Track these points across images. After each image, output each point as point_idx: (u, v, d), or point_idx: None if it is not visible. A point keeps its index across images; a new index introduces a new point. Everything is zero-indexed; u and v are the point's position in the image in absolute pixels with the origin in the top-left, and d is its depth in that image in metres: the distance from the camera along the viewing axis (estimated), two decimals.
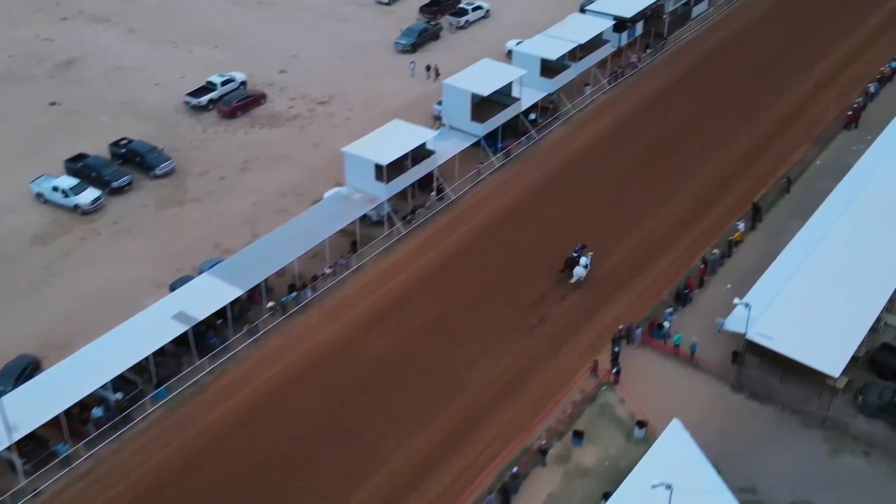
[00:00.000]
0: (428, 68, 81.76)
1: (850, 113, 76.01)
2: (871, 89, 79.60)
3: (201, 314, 53.30)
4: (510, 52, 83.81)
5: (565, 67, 76.82)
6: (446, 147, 68.23)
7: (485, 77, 70.68)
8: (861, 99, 78.05)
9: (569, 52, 76.22)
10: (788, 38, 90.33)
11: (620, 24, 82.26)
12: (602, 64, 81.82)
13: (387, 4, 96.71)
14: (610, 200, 67.85)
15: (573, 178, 70.27)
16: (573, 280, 59.54)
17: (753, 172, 70.58)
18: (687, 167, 70.93)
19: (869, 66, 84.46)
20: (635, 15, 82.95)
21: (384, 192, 62.78)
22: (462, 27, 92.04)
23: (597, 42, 79.74)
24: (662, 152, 73.13)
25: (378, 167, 62.07)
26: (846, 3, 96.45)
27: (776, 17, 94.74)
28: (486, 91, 68.80)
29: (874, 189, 62.86)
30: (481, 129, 69.42)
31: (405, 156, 63.63)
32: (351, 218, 61.71)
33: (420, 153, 65.19)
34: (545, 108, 76.86)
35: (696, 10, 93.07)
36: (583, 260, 59.59)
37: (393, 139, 64.17)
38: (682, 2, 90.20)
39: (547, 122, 75.89)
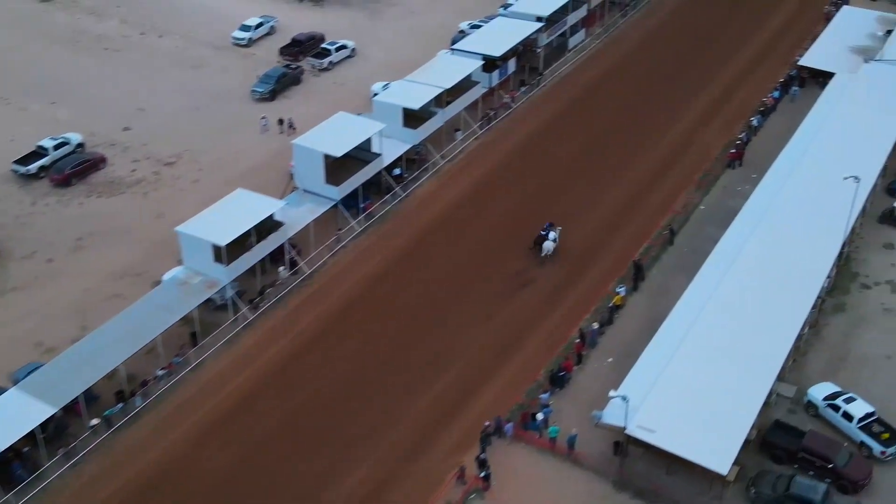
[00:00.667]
0: (281, 122, 74.87)
1: (732, 151, 71.70)
2: (755, 122, 75.58)
3: (2, 442, 45.63)
4: (376, 94, 77.80)
5: (431, 115, 70.92)
6: (299, 215, 61.64)
7: (339, 134, 64.35)
8: (744, 134, 73.99)
9: (434, 98, 70.29)
10: (668, 68, 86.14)
11: (490, 64, 76.70)
12: (473, 106, 76.05)
13: (245, 46, 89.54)
14: (480, 267, 62.10)
15: (439, 242, 64.32)
16: (543, 253, 61.30)
17: (634, 222, 65.58)
18: (566, 219, 65.60)
19: (751, 97, 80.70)
20: (506, 52, 77.50)
21: (225, 274, 55.87)
22: (325, 69, 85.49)
23: (465, 84, 74.02)
24: (541, 201, 67.81)
25: (216, 248, 55.10)
26: (723, 31, 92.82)
27: (655, 46, 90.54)
28: (339, 151, 62.43)
29: (761, 238, 58.52)
30: (338, 193, 62.95)
31: (248, 232, 56.74)
32: (188, 307, 54.67)
33: (266, 226, 58.41)
34: (411, 160, 70.77)
35: (573, 41, 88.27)
36: (552, 234, 61.82)
37: (234, 213, 57.36)
38: (558, 33, 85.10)
39: (414, 176, 69.76)
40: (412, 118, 69.30)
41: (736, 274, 56.09)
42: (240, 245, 56.56)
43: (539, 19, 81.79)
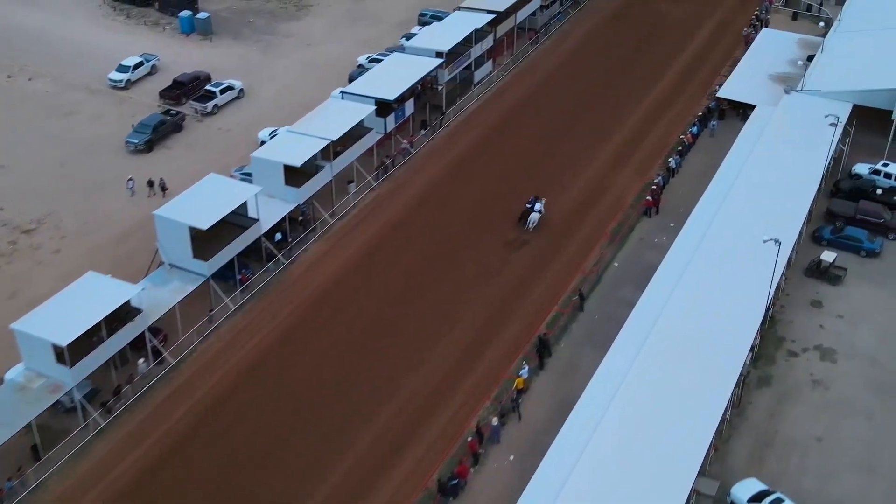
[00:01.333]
0: (150, 184, 67.42)
1: (648, 198, 66.05)
2: (672, 163, 70.08)
3: None
4: (263, 143, 71.09)
5: (318, 169, 64.23)
6: (163, 296, 54.47)
7: (208, 201, 57.34)
8: (660, 177, 68.42)
9: (321, 150, 63.62)
10: (580, 101, 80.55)
11: (385, 107, 70.15)
12: (369, 154, 69.44)
13: (122, 89, 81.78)
14: (372, 341, 55.64)
15: (326, 315, 57.70)
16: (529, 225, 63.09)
17: (541, 286, 59.55)
18: (470, 285, 59.41)
19: (668, 133, 75.40)
20: (402, 94, 71.03)
21: (70, 377, 48.50)
22: (210, 113, 78.14)
23: (357, 131, 67.38)
24: (442, 259, 61.56)
25: (57, 348, 47.75)
26: (640, 57, 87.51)
27: (567, 76, 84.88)
28: (206, 222, 55.35)
29: (678, 302, 53.03)
30: (207, 268, 55.87)
31: (97, 325, 49.46)
32: (27, 417, 47.30)
33: (121, 315, 51.18)
34: (295, 219, 63.95)
35: (479, 75, 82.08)
36: (537, 206, 63.58)
37: (80, 303, 50.12)
38: (461, 67, 78.85)
39: (299, 240, 62.93)
40: (295, 175, 62.48)
41: (652, 348, 50.53)
42: (87, 341, 49.27)
43: (439, 55, 75.42)
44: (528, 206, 64.57)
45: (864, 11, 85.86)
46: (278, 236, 61.60)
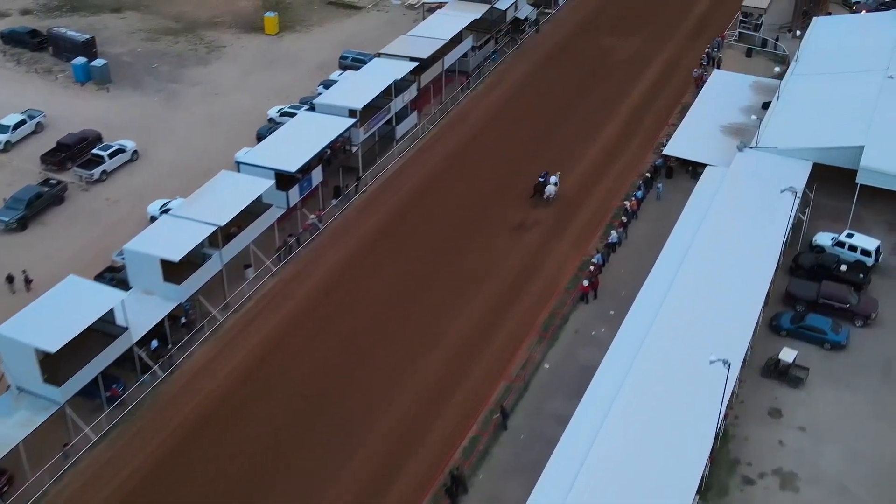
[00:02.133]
0: (10, 279, 58.48)
1: (584, 282, 58.07)
2: (613, 237, 62.16)
3: None
4: (153, 218, 62.69)
5: (204, 258, 55.65)
6: (7, 430, 45.71)
7: (61, 312, 48.62)
8: (599, 255, 60.46)
9: (208, 238, 55.13)
10: (514, 157, 72.75)
11: (286, 179, 61.72)
12: (270, 233, 60.96)
13: (1, 151, 72.61)
14: (261, 474, 47.15)
15: (212, 442, 49.28)
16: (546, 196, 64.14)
17: (460, 398, 51.42)
18: (379, 399, 51.20)
19: (609, 198, 67.61)
20: (309, 161, 62.66)
21: None
22: (98, 180, 69.26)
23: (255, 207, 58.91)
24: (354, 353, 53.40)
25: None
26: (580, 104, 79.89)
27: (500, 127, 77.13)
28: (54, 343, 46.61)
29: (617, 419, 45.36)
30: (60, 394, 47.15)
31: None
32: None
33: None
34: (176, 317, 55.41)
35: (402, 128, 73.81)
36: (553, 178, 65.04)
37: None
38: (381, 122, 70.52)
39: (182, 344, 54.33)
40: (176, 268, 53.83)
41: (586, 479, 42.74)
42: None
43: (353, 113, 67.09)
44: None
45: (822, 50, 78.64)
46: (154, 344, 52.87)
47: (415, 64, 74.04)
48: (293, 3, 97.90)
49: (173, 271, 53.86)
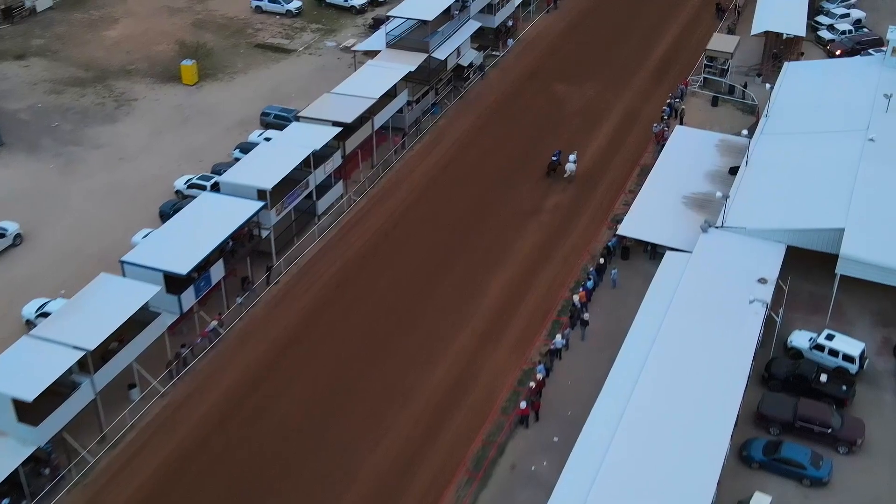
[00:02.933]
0: None
1: (523, 404, 49.60)
2: (558, 342, 53.75)
3: None
4: (29, 322, 53.91)
5: (73, 387, 46.84)
6: None
7: None
8: (540, 367, 52.09)
9: (77, 364, 46.35)
10: (452, 235, 64.52)
11: (178, 281, 52.91)
12: (160, 345, 52.17)
13: None
14: None
15: None
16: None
17: None
18: None
19: (556, 289, 59.26)
20: (205, 258, 53.87)
21: None
22: None
23: (140, 318, 50.13)
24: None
25: None
26: (527, 167, 71.29)
27: (437, 195, 69.09)
28: None
29: None
30: None
31: None
32: None
33: None
34: (40, 460, 46.57)
35: (325, 202, 65.25)
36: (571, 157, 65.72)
37: None
38: (298, 199, 61.92)
39: (44, 495, 45.45)
40: (34, 406, 44.96)
41: None
42: None
43: (262, 195, 58.45)
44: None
45: (795, 102, 70.95)
46: (6, 502, 43.99)
47: (338, 129, 65.28)
48: (217, 46, 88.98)
49: (30, 409, 44.96)
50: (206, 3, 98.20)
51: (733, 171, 65.37)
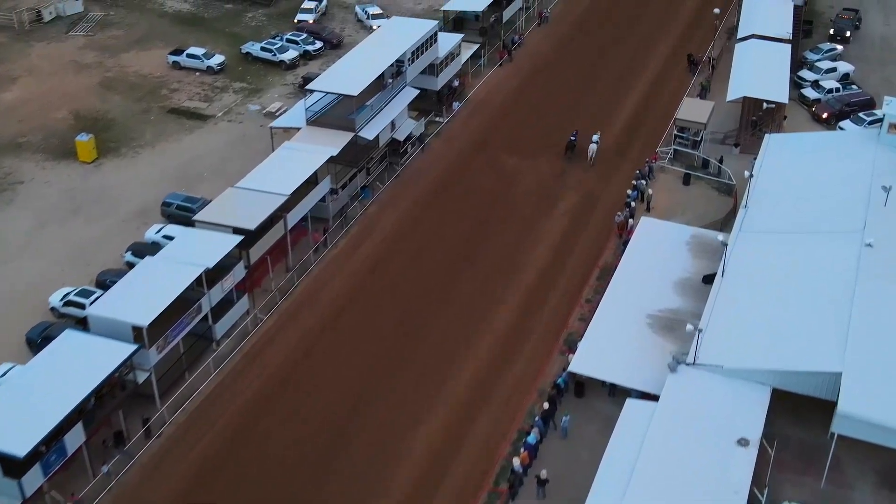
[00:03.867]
0: None
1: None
2: (531, 439, 43.58)
3: None
4: None
5: None
6: None
7: None
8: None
9: None
10: (374, 369, 53.91)
11: (19, 465, 42.21)
12: None
13: None
14: None
15: None
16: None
17: None
18: None
19: (489, 449, 48.72)
20: (60, 423, 43.16)
21: None
22: None
23: None
24: None
25: None
26: (466, 274, 61.15)
27: (360, 311, 58.63)
28: None
29: None
30: None
31: None
32: None
33: None
34: None
35: (225, 325, 54.82)
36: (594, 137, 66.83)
37: None
38: (187, 327, 51.34)
39: None
40: None
41: None
42: None
43: (138, 334, 47.90)
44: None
45: (779, 190, 61.26)
46: None
47: (240, 238, 54.89)
48: (124, 112, 78.37)
49: None
50: (119, 57, 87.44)
51: (707, 280, 55.46)
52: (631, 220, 63.00)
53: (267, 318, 57.00)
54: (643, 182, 67.02)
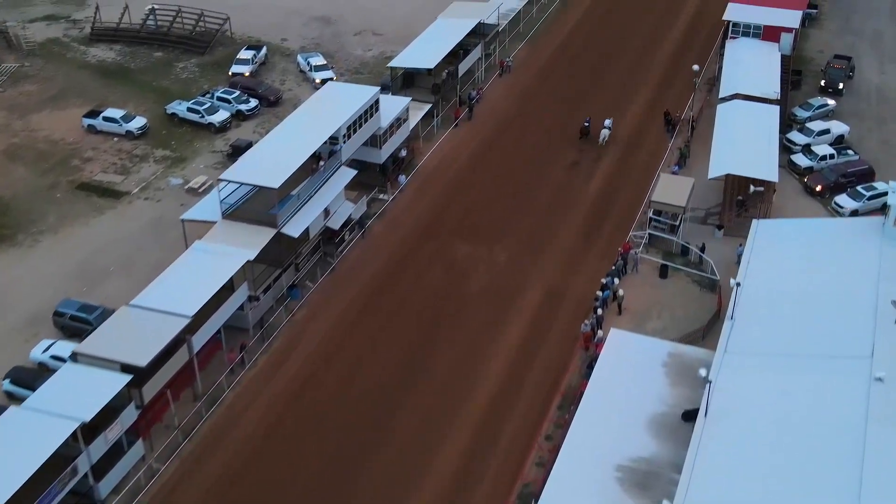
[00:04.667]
0: None
1: None
2: None
3: None
4: None
5: None
6: None
7: None
8: None
9: None
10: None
11: None
12: None
13: None
14: None
15: None
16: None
17: None
18: None
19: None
20: None
21: None
22: None
23: None
24: None
25: None
26: (409, 411, 51.92)
27: (285, 444, 48.97)
28: None
29: None
30: None
31: None
32: None
33: None
34: None
35: (111, 481, 45.28)
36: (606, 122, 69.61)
37: None
38: (53, 496, 41.92)
39: None
40: None
41: None
42: None
43: None
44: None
45: (768, 296, 52.57)
46: None
47: (129, 377, 45.65)
48: (28, 188, 69.10)
49: None
50: (29, 118, 78.06)
51: (688, 416, 46.62)
52: (600, 332, 54.02)
53: (164, 467, 47.64)
54: (614, 278, 58.09)
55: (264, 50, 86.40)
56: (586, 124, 71.84)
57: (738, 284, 50.96)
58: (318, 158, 60.32)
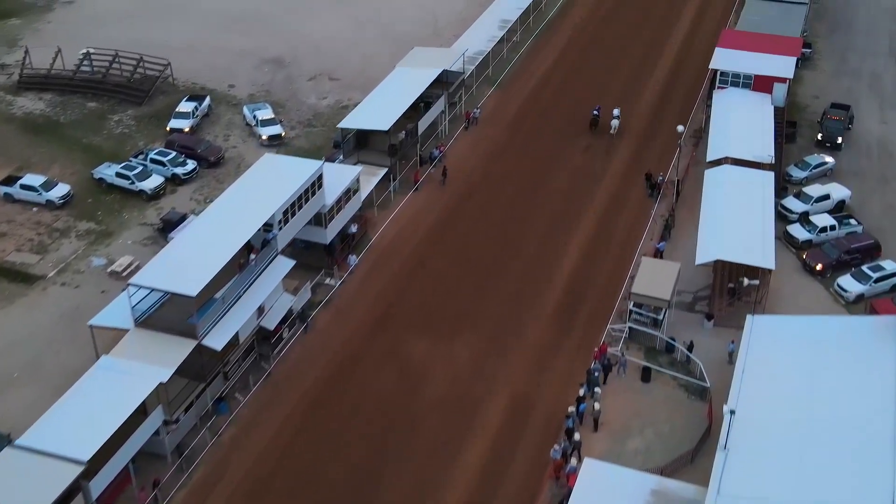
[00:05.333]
0: None
1: None
2: None
3: None
4: None
5: None
6: None
7: None
8: None
9: None
10: None
11: None
12: None
13: None
14: None
15: None
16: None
17: None
18: None
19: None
20: None
21: None
22: None
23: None
24: None
25: None
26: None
27: None
28: None
29: None
30: None
31: None
32: None
33: None
34: None
35: None
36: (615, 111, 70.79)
37: None
38: None
39: None
40: None
41: None
42: None
43: None
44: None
45: (767, 410, 45.67)
46: None
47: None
48: None
49: None
50: None
51: None
52: (573, 461, 46.40)
53: None
54: (592, 389, 50.50)
55: (207, 100, 78.47)
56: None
57: (731, 412, 43.39)
58: (249, 250, 52.39)
